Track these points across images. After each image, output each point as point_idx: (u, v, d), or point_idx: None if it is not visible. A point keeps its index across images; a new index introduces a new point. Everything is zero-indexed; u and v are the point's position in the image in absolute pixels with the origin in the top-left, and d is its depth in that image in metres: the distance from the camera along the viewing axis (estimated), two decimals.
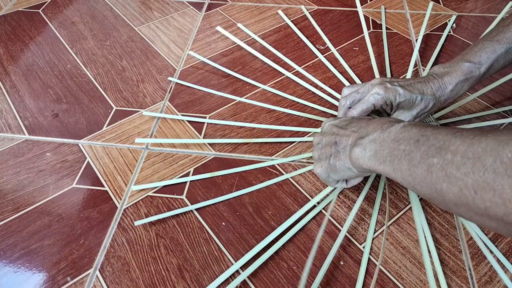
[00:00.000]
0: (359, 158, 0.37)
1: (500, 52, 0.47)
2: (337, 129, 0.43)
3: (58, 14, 0.83)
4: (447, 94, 0.48)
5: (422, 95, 0.46)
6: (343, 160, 0.40)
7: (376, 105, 0.47)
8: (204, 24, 0.79)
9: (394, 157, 0.33)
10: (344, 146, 0.40)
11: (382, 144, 0.35)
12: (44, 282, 0.43)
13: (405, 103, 0.46)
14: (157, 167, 0.53)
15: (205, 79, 0.67)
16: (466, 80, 0.47)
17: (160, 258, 0.45)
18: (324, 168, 0.43)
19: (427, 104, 0.47)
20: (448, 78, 0.47)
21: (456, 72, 0.47)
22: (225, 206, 0.49)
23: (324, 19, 0.80)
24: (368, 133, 0.37)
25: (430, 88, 0.47)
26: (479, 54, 0.47)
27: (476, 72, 0.47)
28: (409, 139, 0.33)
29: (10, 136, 0.58)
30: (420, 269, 0.43)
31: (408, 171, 0.32)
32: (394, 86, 0.46)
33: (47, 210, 0.49)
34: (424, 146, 0.31)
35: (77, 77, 0.68)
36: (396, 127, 0.35)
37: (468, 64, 0.47)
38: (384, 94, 0.46)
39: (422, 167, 0.30)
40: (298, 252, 0.45)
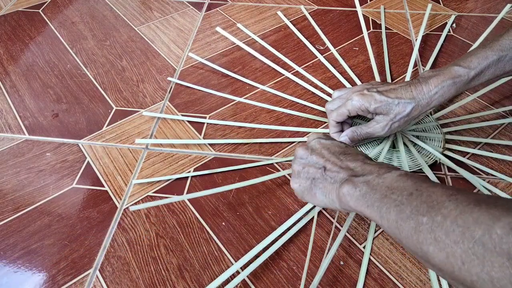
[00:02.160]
0: (346, 195, 0.36)
1: (492, 59, 0.46)
2: (328, 153, 0.41)
3: (58, 14, 0.83)
4: (430, 97, 0.46)
5: (399, 99, 0.46)
6: (328, 191, 0.38)
7: (351, 111, 0.48)
8: (204, 24, 0.79)
9: (383, 204, 0.32)
10: (333, 177, 0.38)
11: (374, 188, 0.34)
12: (44, 282, 0.43)
13: (381, 108, 0.47)
14: (157, 167, 0.53)
15: (205, 79, 0.67)
16: (453, 83, 0.46)
17: (160, 258, 0.45)
18: (302, 187, 0.41)
19: (404, 108, 0.46)
20: (433, 80, 0.46)
21: (443, 75, 0.46)
22: (225, 206, 0.49)
23: (324, 19, 0.80)
24: (364, 174, 0.36)
25: (410, 91, 0.47)
26: (470, 59, 0.47)
27: (464, 76, 0.46)
28: (402, 190, 0.32)
29: (10, 136, 0.58)
30: (420, 269, 0.43)
31: (395, 223, 0.30)
32: (371, 92, 0.47)
33: (47, 210, 0.49)
34: (416, 201, 0.30)
35: (77, 77, 0.68)
36: (392, 175, 0.34)
37: (457, 68, 0.46)
38: (358, 101, 0.47)
39: (410, 223, 0.29)
40: (298, 252, 0.45)
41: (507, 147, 0.55)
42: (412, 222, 0.29)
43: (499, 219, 0.23)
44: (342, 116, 0.50)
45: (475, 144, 0.56)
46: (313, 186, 0.40)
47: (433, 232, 0.27)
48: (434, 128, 0.56)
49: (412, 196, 0.30)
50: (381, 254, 0.45)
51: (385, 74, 0.67)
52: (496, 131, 0.57)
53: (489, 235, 0.23)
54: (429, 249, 0.27)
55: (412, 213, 0.29)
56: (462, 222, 0.25)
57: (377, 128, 0.48)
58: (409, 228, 0.29)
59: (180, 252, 0.45)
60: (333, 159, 0.40)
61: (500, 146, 0.55)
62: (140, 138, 0.57)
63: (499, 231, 0.23)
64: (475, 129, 0.58)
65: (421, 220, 0.28)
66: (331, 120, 0.51)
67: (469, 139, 0.56)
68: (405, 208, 0.30)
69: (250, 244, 0.46)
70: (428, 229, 0.27)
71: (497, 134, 0.57)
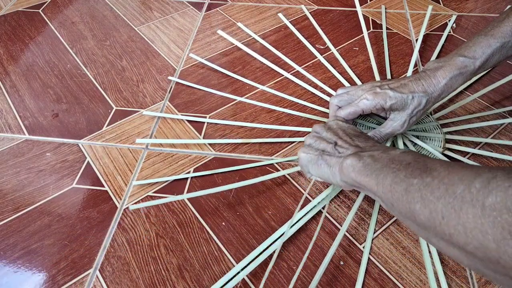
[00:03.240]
0: (349, 166, 0.38)
1: (496, 47, 0.46)
2: (343, 133, 0.43)
3: (58, 14, 0.83)
4: (440, 89, 0.47)
5: (413, 93, 0.46)
6: (332, 164, 0.41)
7: (365, 110, 0.48)
8: (204, 24, 0.79)
9: (381, 172, 0.34)
10: (342, 152, 0.41)
11: (377, 160, 0.36)
12: (44, 282, 0.43)
13: (397, 104, 0.47)
14: (157, 167, 0.53)
15: (205, 79, 0.67)
16: (460, 74, 0.47)
17: (160, 258, 0.45)
18: (309, 157, 0.43)
19: (420, 102, 0.47)
20: (441, 73, 0.47)
21: (450, 66, 0.47)
22: (225, 206, 0.49)
23: (324, 19, 0.80)
24: (370, 150, 0.39)
25: (421, 85, 0.47)
26: (473, 49, 0.47)
27: (470, 66, 0.47)
28: (402, 161, 0.34)
29: (10, 136, 0.58)
30: (420, 269, 0.43)
31: (389, 186, 0.33)
32: (384, 89, 0.47)
33: (47, 210, 0.49)
34: (411, 167, 0.32)
35: (77, 77, 0.68)
36: (396, 151, 0.36)
37: (463, 59, 0.47)
38: (373, 100, 0.47)
39: (402, 185, 0.31)
40: (298, 252, 0.45)
41: (507, 147, 0.55)
42: (404, 184, 0.31)
43: (480, 175, 0.25)
44: (354, 115, 0.49)
45: (475, 144, 0.56)
46: (320, 157, 0.42)
47: (420, 191, 0.29)
48: (434, 128, 0.56)
49: (409, 165, 0.33)
50: (381, 254, 0.45)
51: (385, 74, 0.67)
52: (496, 131, 0.57)
53: (468, 189, 0.25)
54: (416, 207, 0.29)
55: (405, 176, 0.31)
56: (447, 180, 0.27)
57: (396, 127, 0.48)
58: (400, 190, 0.31)
59: (180, 252, 0.45)
60: (346, 138, 0.43)
61: (500, 146, 0.55)
62: (140, 138, 0.57)
63: (477, 185, 0.25)
64: (475, 129, 0.58)
65: (412, 182, 0.30)
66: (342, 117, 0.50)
67: (469, 139, 0.56)
68: (400, 173, 0.32)
69: (250, 244, 0.46)
70: (416, 189, 0.29)
71: (497, 134, 0.57)
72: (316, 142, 0.44)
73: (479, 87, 0.64)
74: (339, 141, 0.42)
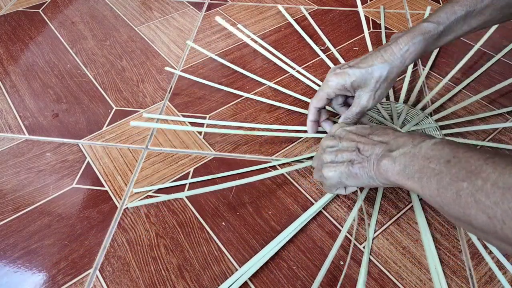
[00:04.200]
0: (387, 171, 0.36)
1: (460, 14, 0.46)
2: (357, 136, 0.42)
3: (58, 14, 0.83)
4: (402, 55, 0.46)
5: (372, 66, 0.46)
6: (367, 169, 0.39)
7: (329, 93, 0.48)
8: (204, 24, 0.79)
9: (423, 174, 0.33)
10: (370, 155, 0.39)
11: (412, 159, 0.35)
12: (44, 282, 0.43)
13: (357, 81, 0.47)
14: (157, 167, 0.53)
15: (205, 79, 0.67)
16: (423, 39, 0.46)
17: (160, 258, 0.45)
18: (339, 172, 0.41)
19: (381, 74, 0.46)
20: (402, 39, 0.46)
21: (413, 32, 0.46)
22: (225, 206, 0.49)
23: (324, 19, 0.80)
24: (399, 146, 0.37)
25: (380, 56, 0.46)
26: (438, 15, 0.47)
27: (434, 31, 0.46)
28: (439, 158, 0.32)
29: (10, 136, 0.58)
30: (420, 269, 0.43)
31: (437, 191, 0.32)
32: (343, 69, 0.47)
33: (47, 210, 0.49)
34: (454, 168, 0.31)
35: (77, 77, 0.68)
36: (427, 143, 0.35)
37: (426, 24, 0.46)
38: (334, 80, 0.47)
39: (451, 190, 0.30)
40: (298, 252, 0.45)
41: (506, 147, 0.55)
42: (453, 188, 0.30)
43: None
44: (322, 100, 0.49)
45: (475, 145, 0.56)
46: (352, 168, 0.40)
47: (473, 196, 0.28)
48: (434, 130, 0.56)
49: (449, 163, 0.31)
50: (381, 254, 0.45)
51: None
52: (496, 131, 0.57)
53: None
54: (471, 212, 0.28)
55: (452, 180, 0.30)
56: (502, 183, 0.27)
57: (363, 103, 0.48)
58: (450, 195, 0.30)
59: (180, 252, 0.45)
60: (363, 139, 0.41)
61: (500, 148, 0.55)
62: (140, 137, 0.57)
63: None
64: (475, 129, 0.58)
65: (462, 186, 0.29)
66: (311, 107, 0.51)
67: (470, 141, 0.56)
68: (445, 176, 0.31)
69: (250, 244, 0.46)
70: (468, 193, 0.29)
71: (497, 134, 0.57)
72: (337, 157, 0.42)
73: (480, 87, 0.64)
74: (360, 145, 0.40)
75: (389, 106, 0.60)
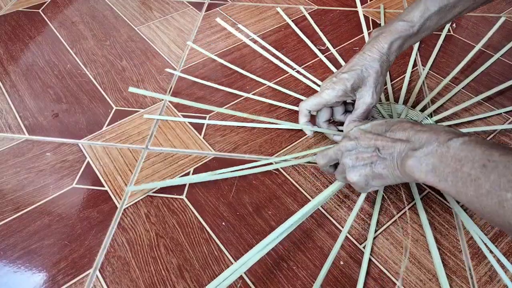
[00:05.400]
0: (414, 172, 0.35)
1: (433, 10, 0.48)
2: (373, 135, 0.41)
3: (58, 14, 0.83)
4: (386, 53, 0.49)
5: (365, 65, 0.48)
6: (391, 168, 0.39)
7: (328, 100, 0.49)
8: (204, 24, 0.79)
9: (458, 178, 0.32)
10: (391, 154, 0.38)
11: (441, 160, 0.33)
12: (44, 282, 0.43)
13: (355, 82, 0.48)
14: (157, 167, 0.53)
15: (205, 79, 0.67)
16: (400, 38, 0.48)
17: (160, 258, 0.45)
18: (364, 175, 0.40)
19: (376, 70, 0.48)
20: (382, 38, 0.49)
21: (389, 31, 0.49)
22: (225, 206, 0.49)
23: (324, 19, 0.80)
24: (422, 144, 0.35)
25: (368, 56, 0.49)
26: (412, 13, 0.48)
27: (409, 30, 0.48)
28: (473, 162, 0.31)
29: (10, 136, 0.58)
30: (420, 269, 0.43)
31: (476, 198, 0.30)
32: (339, 77, 0.49)
33: (47, 210, 0.49)
34: (493, 174, 0.29)
35: (77, 77, 0.68)
36: (455, 142, 0.33)
37: (402, 23, 0.48)
38: (334, 89, 0.48)
39: (492, 199, 0.29)
40: (298, 252, 0.45)
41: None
42: (494, 197, 0.29)
43: None
44: (319, 106, 0.50)
45: None
46: (375, 169, 0.40)
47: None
48: None
49: (486, 168, 0.30)
50: (381, 254, 0.45)
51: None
52: (496, 131, 0.57)
53: None
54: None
55: (492, 188, 0.29)
56: None
57: (368, 101, 0.49)
58: (492, 204, 0.29)
59: (180, 252, 0.45)
60: (381, 138, 0.40)
61: None
62: (140, 138, 0.57)
63: None
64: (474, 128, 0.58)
65: (505, 196, 0.28)
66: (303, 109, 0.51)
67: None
68: (483, 183, 0.30)
69: (250, 244, 0.46)
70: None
71: (497, 134, 0.57)
72: (358, 160, 0.41)
73: (480, 88, 0.64)
74: (379, 145, 0.39)
75: (389, 107, 0.60)
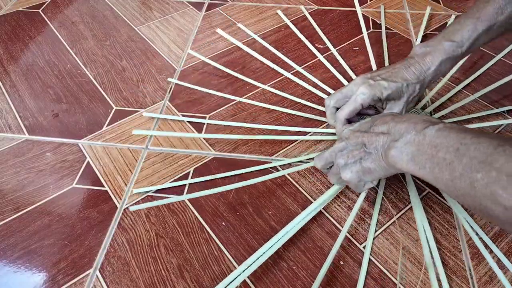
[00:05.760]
0: (396, 162, 0.36)
1: (482, 30, 0.47)
2: (360, 133, 0.42)
3: (58, 14, 0.83)
4: (431, 75, 0.48)
5: (407, 81, 0.47)
6: (377, 161, 0.39)
7: (363, 104, 0.47)
8: (204, 24, 0.79)
9: (434, 164, 0.33)
10: (375, 147, 0.39)
11: (418, 148, 0.34)
12: (44, 282, 0.43)
13: (392, 94, 0.47)
14: (157, 167, 0.53)
15: (205, 79, 0.67)
16: (448, 59, 0.48)
17: (160, 258, 0.45)
18: (355, 172, 0.41)
19: (414, 89, 0.48)
20: (429, 59, 0.47)
21: (438, 51, 0.47)
22: (225, 206, 0.49)
23: (324, 19, 0.80)
24: (402, 135, 0.37)
25: (412, 72, 0.48)
26: (460, 33, 0.47)
27: (457, 51, 0.48)
28: (448, 147, 0.32)
29: (10, 136, 0.58)
30: (420, 269, 0.43)
31: (451, 182, 0.31)
32: (378, 81, 0.47)
33: (47, 210, 0.49)
34: (465, 157, 0.30)
35: (77, 77, 0.68)
36: (431, 130, 0.34)
37: (450, 43, 0.47)
38: (370, 93, 0.46)
39: (465, 181, 0.30)
40: (298, 252, 0.45)
41: None
42: (467, 179, 0.30)
43: None
44: (355, 112, 0.48)
45: None
46: (364, 164, 0.40)
47: (489, 187, 0.28)
48: None
49: (459, 151, 0.31)
50: (381, 254, 0.45)
51: None
52: (496, 131, 0.57)
53: None
54: (487, 203, 0.28)
55: (464, 170, 0.30)
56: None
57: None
58: (465, 186, 0.30)
59: (180, 252, 0.45)
60: (366, 135, 0.41)
61: None
62: (140, 137, 0.57)
63: None
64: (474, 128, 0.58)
65: (475, 177, 0.29)
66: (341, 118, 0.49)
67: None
68: (457, 166, 0.31)
69: (250, 244, 0.46)
70: (484, 185, 0.28)
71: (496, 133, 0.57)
72: (349, 158, 0.42)
73: (479, 86, 0.64)
74: (365, 140, 0.41)
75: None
